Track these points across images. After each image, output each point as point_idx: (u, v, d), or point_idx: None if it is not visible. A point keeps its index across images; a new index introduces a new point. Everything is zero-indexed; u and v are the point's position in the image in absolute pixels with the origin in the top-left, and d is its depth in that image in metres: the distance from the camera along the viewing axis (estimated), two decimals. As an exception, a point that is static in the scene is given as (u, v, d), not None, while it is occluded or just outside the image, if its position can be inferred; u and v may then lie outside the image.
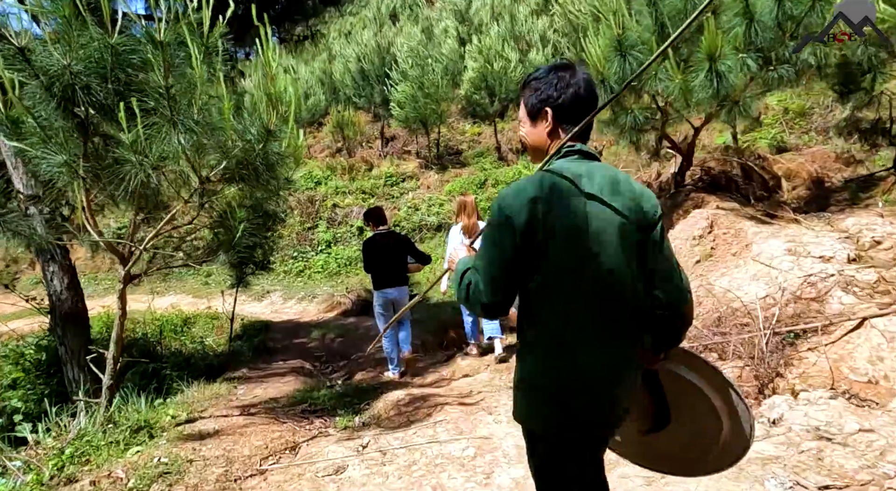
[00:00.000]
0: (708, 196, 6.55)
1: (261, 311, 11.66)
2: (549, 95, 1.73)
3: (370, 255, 6.19)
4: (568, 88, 1.72)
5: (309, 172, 15.08)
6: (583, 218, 1.59)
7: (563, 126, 1.74)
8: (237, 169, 3.81)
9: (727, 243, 5.74)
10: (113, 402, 4.58)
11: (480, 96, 14.52)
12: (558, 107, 1.73)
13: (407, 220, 13.42)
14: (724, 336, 4.33)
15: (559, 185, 1.61)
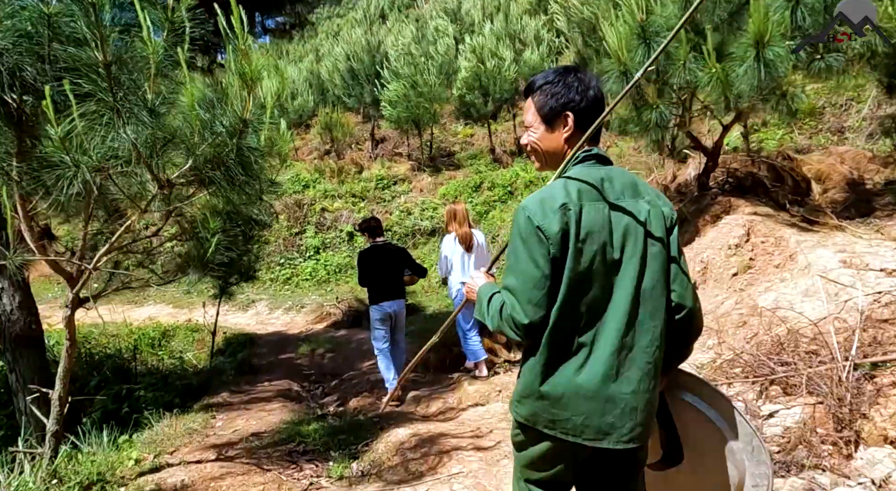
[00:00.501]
0: (736, 200, 5.85)
1: (245, 322, 10.80)
2: (571, 99, 1.65)
3: (366, 268, 5.74)
4: (588, 91, 1.66)
5: (296, 175, 14.22)
6: (609, 223, 1.56)
7: (581, 131, 1.66)
8: (206, 169, 3.01)
9: (767, 253, 5.03)
10: (59, 451, 3.74)
11: (474, 96, 13.75)
12: (580, 111, 1.65)
13: (399, 224, 12.63)
14: (789, 366, 3.61)
15: (585, 190, 1.57)
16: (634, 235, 1.57)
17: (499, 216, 11.83)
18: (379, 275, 5.62)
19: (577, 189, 1.56)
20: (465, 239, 5.66)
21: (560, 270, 1.52)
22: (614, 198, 1.59)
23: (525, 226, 1.54)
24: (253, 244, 9.13)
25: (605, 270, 1.54)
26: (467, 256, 5.73)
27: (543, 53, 14.36)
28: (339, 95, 15.22)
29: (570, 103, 1.65)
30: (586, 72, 1.72)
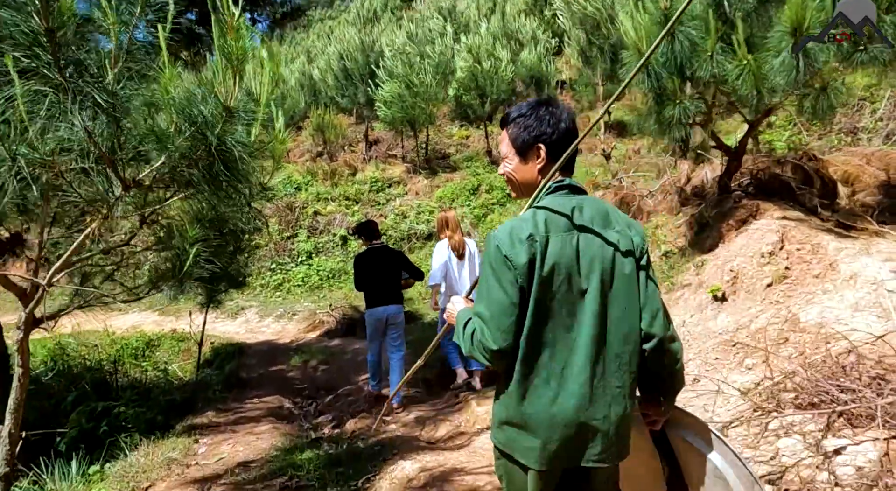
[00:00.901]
0: (763, 203, 5.37)
1: (234, 330, 10.21)
2: (542, 132, 1.67)
3: (362, 271, 5.59)
4: (560, 124, 1.67)
5: (288, 177, 13.64)
6: (577, 253, 1.58)
7: (553, 161, 1.67)
8: (182, 167, 2.47)
9: (805, 262, 4.55)
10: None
11: (471, 97, 13.26)
12: (552, 143, 1.67)
13: (394, 228, 12.09)
14: (854, 394, 3.12)
15: (554, 221, 1.59)
16: (602, 265, 1.59)
17: (497, 220, 11.32)
18: (375, 278, 5.44)
19: (544, 219, 1.58)
20: (458, 247, 5.42)
21: (527, 299, 1.54)
22: (583, 228, 1.60)
23: (494, 255, 1.56)
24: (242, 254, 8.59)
25: (571, 299, 1.56)
26: (459, 264, 5.44)
27: (541, 53, 13.89)
28: (332, 96, 14.66)
29: (542, 136, 1.66)
30: (559, 104, 1.73)
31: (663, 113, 5.07)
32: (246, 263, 9.07)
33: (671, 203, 6.54)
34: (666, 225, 6.34)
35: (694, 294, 5.13)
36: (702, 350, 4.41)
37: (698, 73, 4.86)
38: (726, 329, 4.49)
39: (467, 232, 11.17)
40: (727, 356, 4.22)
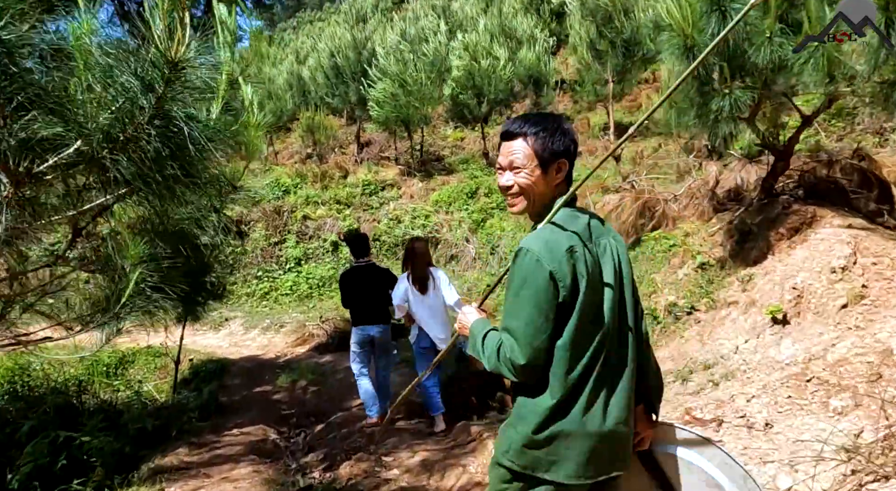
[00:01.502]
0: (819, 209, 4.61)
1: (217, 344, 9.29)
2: (567, 147, 1.63)
3: (348, 289, 5.23)
4: (576, 140, 1.67)
5: (276, 180, 12.73)
6: (599, 265, 1.58)
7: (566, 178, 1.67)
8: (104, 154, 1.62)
9: (885, 279, 3.77)
10: None
11: (468, 97, 12.46)
12: (573, 159, 1.66)
13: (388, 233, 11.24)
14: None
15: (581, 234, 1.58)
16: (616, 275, 1.60)
17: (498, 225, 10.51)
18: (361, 297, 5.08)
19: (573, 233, 1.56)
20: (417, 279, 4.75)
21: (565, 313, 1.51)
22: (597, 237, 1.61)
23: (534, 269, 1.49)
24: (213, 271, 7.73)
25: (598, 310, 1.55)
26: (421, 298, 4.75)
27: (539, 52, 13.13)
28: (322, 95, 13.78)
29: (566, 152, 1.63)
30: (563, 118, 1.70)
31: (709, 106, 4.27)
32: (222, 276, 8.20)
33: (701, 208, 5.76)
34: (698, 233, 5.56)
35: (744, 314, 4.34)
36: (767, 385, 3.61)
37: (753, 59, 4.07)
38: (794, 359, 3.69)
39: (453, 253, 10.37)
40: (802, 395, 3.42)
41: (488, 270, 9.79)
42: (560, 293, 1.47)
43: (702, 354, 4.33)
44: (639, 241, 6.08)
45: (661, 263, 5.52)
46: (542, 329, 1.48)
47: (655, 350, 5.25)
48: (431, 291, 4.72)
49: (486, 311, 1.83)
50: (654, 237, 5.89)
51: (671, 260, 5.46)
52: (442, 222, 11.15)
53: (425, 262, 4.83)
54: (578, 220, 1.60)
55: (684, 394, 4.07)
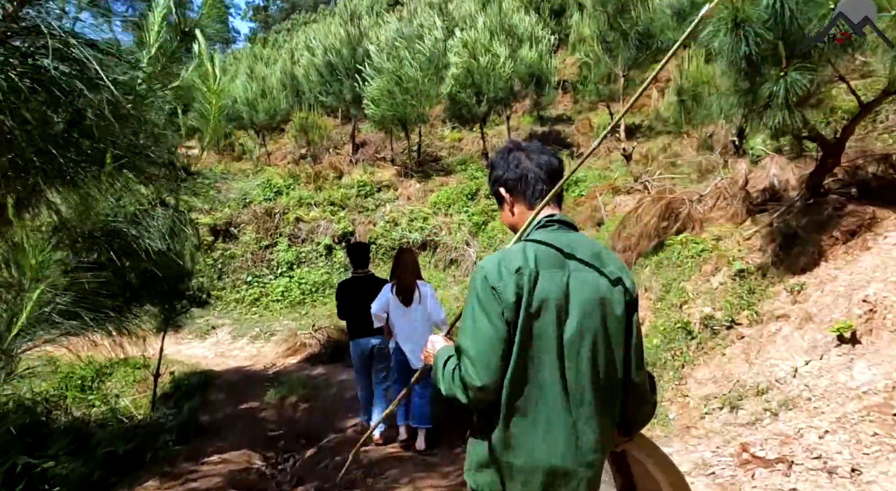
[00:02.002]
0: (879, 210, 3.99)
1: (202, 353, 8.58)
2: (498, 176, 1.64)
3: (345, 300, 5.00)
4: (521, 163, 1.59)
5: (267, 180, 12.04)
6: (567, 291, 1.45)
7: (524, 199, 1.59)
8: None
9: (976, 291, 3.17)
10: None
11: (466, 95, 11.82)
12: (512, 182, 1.59)
13: (385, 236, 10.56)
14: None
15: (544, 256, 1.47)
16: (593, 307, 1.46)
17: (500, 227, 9.86)
18: (359, 309, 4.75)
19: (534, 254, 1.46)
20: (402, 289, 4.48)
21: (514, 336, 1.42)
22: (575, 267, 1.48)
23: (482, 286, 1.45)
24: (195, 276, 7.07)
25: (559, 339, 1.43)
26: (404, 310, 4.49)
27: (542, 50, 12.52)
28: (316, 94, 13.08)
29: (499, 179, 1.63)
30: (526, 146, 1.64)
31: (760, 90, 3.64)
32: (206, 282, 7.51)
33: (733, 209, 5.13)
34: (730, 237, 4.93)
35: (800, 330, 3.71)
36: (843, 419, 2.97)
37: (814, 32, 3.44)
38: (873, 387, 3.06)
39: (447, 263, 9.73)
40: (893, 432, 2.79)
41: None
42: (504, 312, 1.41)
43: (750, 377, 3.70)
44: (662, 245, 5.44)
45: (690, 270, 4.88)
46: (495, 348, 1.40)
47: (692, 368, 4.64)
48: (416, 304, 4.46)
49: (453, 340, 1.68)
50: (679, 241, 5.25)
51: (702, 266, 4.83)
52: (441, 225, 10.50)
53: (413, 273, 4.56)
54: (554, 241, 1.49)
55: (735, 424, 3.43)
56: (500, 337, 1.40)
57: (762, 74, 3.66)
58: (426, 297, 4.50)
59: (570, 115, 15.03)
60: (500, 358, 1.40)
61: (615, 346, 1.48)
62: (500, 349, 1.40)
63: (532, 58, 12.37)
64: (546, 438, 1.43)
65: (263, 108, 13.83)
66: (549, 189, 1.56)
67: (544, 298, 1.41)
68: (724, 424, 3.47)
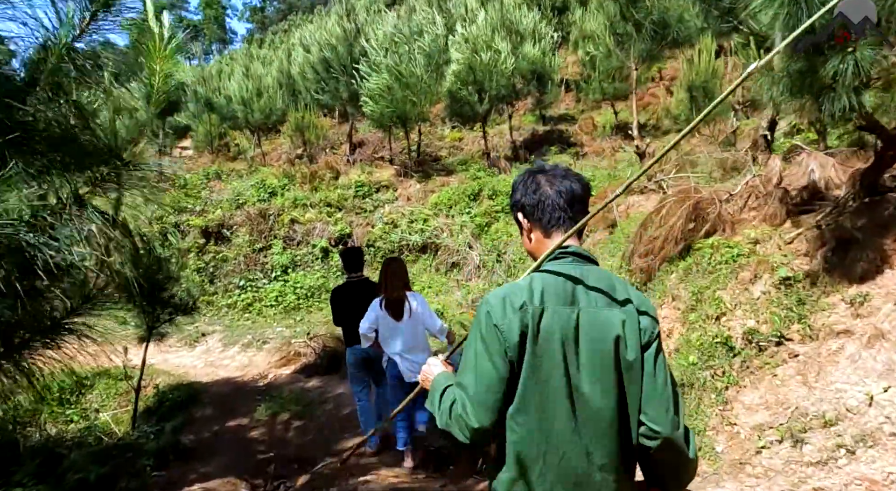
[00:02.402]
0: (951, 210, 3.44)
1: (191, 363, 7.99)
2: (516, 200, 1.52)
3: (340, 306, 4.72)
4: (540, 188, 1.47)
5: (261, 181, 11.45)
6: (577, 330, 1.33)
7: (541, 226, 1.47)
8: None
9: None
10: None
11: (468, 92, 11.28)
12: (530, 208, 1.48)
13: (383, 239, 9.99)
14: None
15: (551, 291, 1.35)
16: (602, 347, 1.32)
17: (504, 229, 9.31)
18: (355, 315, 4.40)
19: (541, 289, 1.35)
20: (390, 303, 4.16)
21: (517, 376, 1.33)
22: (587, 303, 1.35)
23: (485, 323, 1.35)
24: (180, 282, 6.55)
25: (565, 383, 1.31)
26: (394, 326, 4.18)
27: (545, 47, 11.98)
28: (312, 92, 12.49)
29: (516, 204, 1.52)
30: (549, 169, 1.51)
31: (822, 70, 3.09)
32: (193, 288, 6.96)
33: (770, 210, 4.59)
34: (769, 240, 4.38)
35: (870, 349, 3.16)
36: (945, 461, 2.43)
37: (892, 2, 2.90)
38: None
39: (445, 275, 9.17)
40: None
41: (494, 279, 8.59)
42: (507, 351, 1.31)
43: (812, 403, 3.14)
44: (689, 249, 4.89)
45: (725, 278, 4.33)
46: (494, 388, 1.32)
47: (738, 391, 4.06)
48: (406, 318, 4.14)
49: (453, 365, 1.61)
50: (710, 245, 4.70)
51: (739, 273, 4.28)
52: (442, 227, 9.93)
53: (401, 284, 4.22)
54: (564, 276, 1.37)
55: (802, 462, 2.87)
56: (500, 377, 1.32)
57: (824, 52, 3.10)
58: (417, 309, 4.19)
59: (572, 114, 14.51)
60: (500, 400, 1.32)
61: (629, 392, 1.33)
62: (500, 390, 1.32)
63: (534, 54, 11.83)
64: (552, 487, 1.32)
65: (259, 106, 13.26)
66: (568, 217, 1.44)
67: (549, 336, 1.31)
68: (786, 461, 2.91)
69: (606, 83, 12.24)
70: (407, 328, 4.14)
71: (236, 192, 11.15)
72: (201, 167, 13.17)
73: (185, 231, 10.66)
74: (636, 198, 7.45)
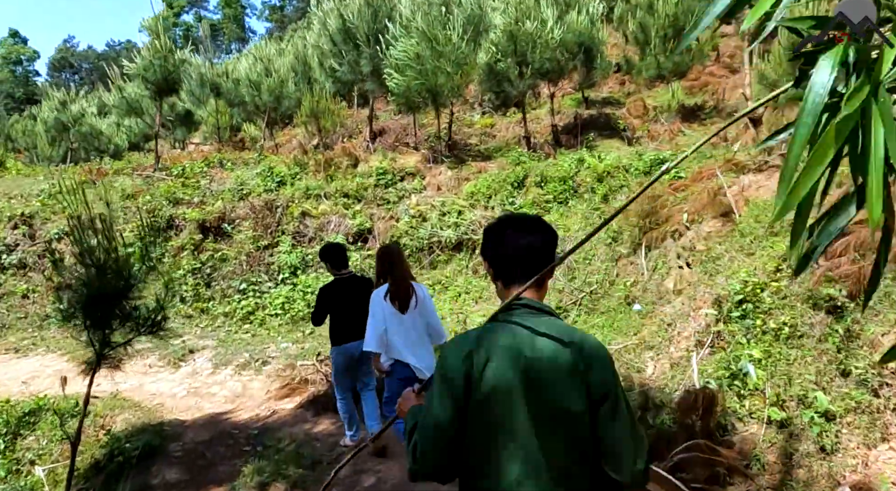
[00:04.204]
0: None
1: (171, 390, 5.96)
2: (484, 249, 1.52)
3: (328, 304, 4.11)
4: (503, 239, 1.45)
5: (268, 168, 9.45)
6: (523, 382, 1.28)
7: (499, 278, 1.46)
8: None
9: None
10: None
11: (508, 65, 9.20)
12: (493, 259, 1.47)
13: (410, 235, 7.94)
14: None
15: (499, 340, 1.32)
16: (549, 397, 1.28)
17: (560, 221, 7.22)
18: (344, 312, 4.02)
19: (490, 337, 1.34)
20: (400, 293, 3.50)
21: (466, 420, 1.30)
22: (532, 353, 1.29)
23: (438, 370, 1.36)
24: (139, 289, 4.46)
25: (512, 430, 1.28)
26: (401, 319, 3.49)
27: (594, 14, 9.86)
28: (329, 67, 10.46)
29: (484, 252, 1.51)
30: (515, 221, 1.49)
31: None
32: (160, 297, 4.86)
33: None
34: None
35: None
36: None
37: None
38: None
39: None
40: None
41: (555, 286, 6.48)
42: (455, 400, 1.29)
43: None
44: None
45: None
46: (439, 433, 1.29)
47: None
48: (413, 308, 3.55)
49: None
50: None
51: None
52: (480, 220, 7.87)
53: (408, 269, 3.70)
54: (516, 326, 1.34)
55: None
56: (447, 422, 1.29)
57: None
58: (424, 299, 3.64)
59: (616, 97, 12.37)
60: (445, 445, 1.30)
61: (581, 443, 1.28)
62: (445, 435, 1.29)
63: (582, 24, 9.72)
64: None
65: (268, 86, 11.26)
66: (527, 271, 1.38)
67: (495, 385, 1.27)
68: None
69: (664, 57, 10.10)
70: (411, 321, 3.57)
71: (240, 181, 9.14)
72: (204, 156, 11.20)
73: (179, 225, 8.68)
74: (752, 178, 5.31)
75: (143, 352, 6.74)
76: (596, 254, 6.42)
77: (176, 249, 8.37)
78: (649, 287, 5.34)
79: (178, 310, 7.79)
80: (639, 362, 4.42)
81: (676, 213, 5.40)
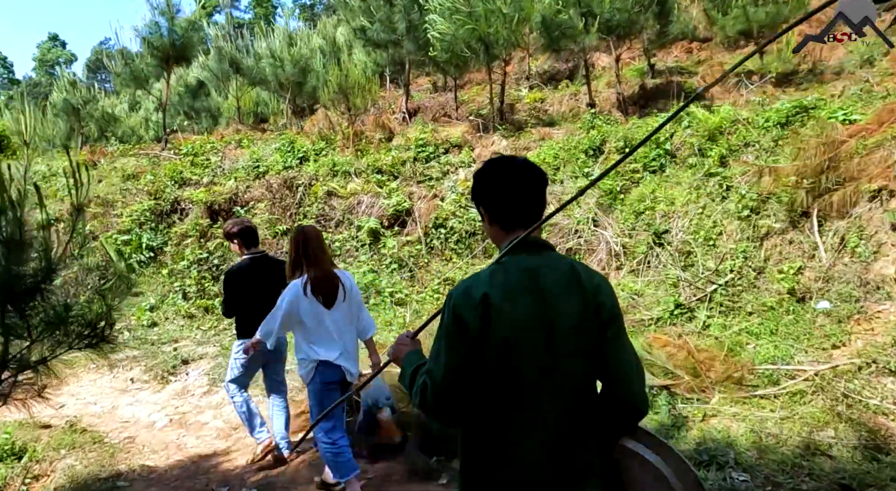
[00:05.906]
0: None
1: (149, 416, 4.21)
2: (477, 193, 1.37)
3: (236, 290, 3.27)
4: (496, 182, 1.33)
5: (288, 142, 7.74)
6: (537, 316, 1.22)
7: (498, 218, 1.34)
8: None
9: None
10: None
11: (568, 17, 7.31)
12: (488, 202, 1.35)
13: (458, 216, 6.12)
14: None
15: (513, 280, 1.24)
16: (566, 328, 1.22)
17: (661, 194, 5.30)
18: (256, 297, 3.15)
19: (502, 279, 1.24)
20: (324, 285, 2.79)
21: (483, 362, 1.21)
22: (546, 289, 1.23)
23: (450, 314, 1.24)
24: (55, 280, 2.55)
25: (530, 368, 1.21)
26: (327, 314, 2.79)
27: (672, -44, 7.88)
28: (358, 27, 8.69)
29: (476, 195, 1.38)
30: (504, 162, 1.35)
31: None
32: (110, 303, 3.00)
33: None
34: None
35: None
36: None
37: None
38: None
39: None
40: None
41: (651, 277, 4.57)
42: (471, 342, 1.20)
43: None
44: None
45: None
46: (456, 379, 1.21)
47: None
48: (341, 302, 2.83)
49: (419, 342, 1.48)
50: None
51: None
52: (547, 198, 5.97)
53: (329, 256, 2.95)
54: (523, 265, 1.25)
55: None
56: (462, 368, 1.21)
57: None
58: (351, 289, 2.89)
59: (685, 65, 10.34)
60: (462, 388, 1.21)
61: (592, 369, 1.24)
62: (461, 381, 1.21)
63: (657, -30, 7.77)
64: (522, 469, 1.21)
65: (290, 56, 9.58)
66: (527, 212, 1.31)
67: (512, 324, 1.19)
68: None
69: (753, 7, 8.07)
70: (337, 315, 2.81)
71: (255, 158, 7.45)
72: (221, 136, 9.55)
73: (185, 209, 7.03)
74: None
75: (124, 362, 5.06)
76: (723, 231, 4.48)
77: (179, 237, 6.71)
78: (838, 275, 3.42)
79: (178, 308, 6.11)
80: (878, 394, 2.48)
81: (871, 166, 3.46)
